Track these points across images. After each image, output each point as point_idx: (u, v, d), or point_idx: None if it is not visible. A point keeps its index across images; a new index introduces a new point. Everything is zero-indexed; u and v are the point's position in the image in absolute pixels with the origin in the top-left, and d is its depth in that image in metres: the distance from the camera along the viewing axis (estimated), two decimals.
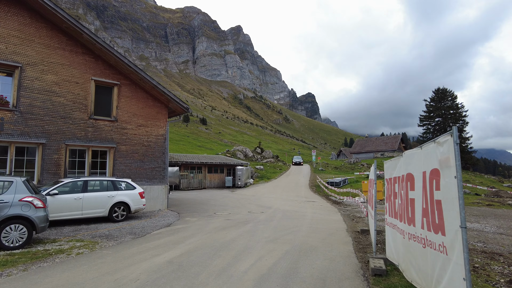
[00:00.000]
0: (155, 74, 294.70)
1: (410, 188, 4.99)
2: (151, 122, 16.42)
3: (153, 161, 16.24)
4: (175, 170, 33.22)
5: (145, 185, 15.77)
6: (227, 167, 38.99)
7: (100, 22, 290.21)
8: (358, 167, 49.65)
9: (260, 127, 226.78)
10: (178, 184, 33.43)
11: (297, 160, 64.33)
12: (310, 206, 19.70)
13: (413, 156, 5.01)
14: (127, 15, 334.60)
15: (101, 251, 7.69)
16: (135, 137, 15.82)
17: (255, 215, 14.83)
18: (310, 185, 35.37)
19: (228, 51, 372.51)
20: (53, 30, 13.93)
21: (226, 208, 17.43)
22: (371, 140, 74.75)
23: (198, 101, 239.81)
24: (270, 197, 25.16)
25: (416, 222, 4.66)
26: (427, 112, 67.68)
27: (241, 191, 31.29)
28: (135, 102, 16.01)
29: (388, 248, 6.91)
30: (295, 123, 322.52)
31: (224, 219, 13.54)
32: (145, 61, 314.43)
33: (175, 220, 13.22)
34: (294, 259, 7.27)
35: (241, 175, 36.50)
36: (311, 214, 15.75)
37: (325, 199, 24.74)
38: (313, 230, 11.29)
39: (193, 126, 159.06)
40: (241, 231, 10.75)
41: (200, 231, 10.71)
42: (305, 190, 31.68)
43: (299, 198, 24.67)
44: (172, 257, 7.22)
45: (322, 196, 27.26)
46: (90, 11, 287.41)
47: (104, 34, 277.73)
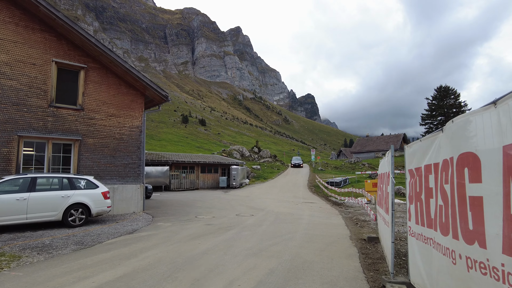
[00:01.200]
0: (154, 75, 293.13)
1: (471, 179, 2.83)
2: (125, 112, 14.29)
3: (127, 157, 14.11)
4: (165, 169, 31.12)
5: (116, 184, 13.64)
6: (221, 167, 36.87)
7: (99, 23, 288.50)
8: (359, 167, 47.53)
9: (260, 128, 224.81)
10: (168, 184, 31.35)
11: (296, 162, 55.74)
12: (308, 207, 17.58)
13: (475, 122, 2.82)
14: (126, 16, 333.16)
15: (8, 272, 5.54)
16: (105, 129, 13.69)
17: (242, 219, 12.71)
18: (309, 185, 33.23)
19: (227, 52, 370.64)
20: (3, 1, 11.83)
21: (212, 211, 15.29)
22: (372, 140, 72.48)
23: (197, 102, 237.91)
24: (265, 198, 23.05)
25: (488, 240, 2.52)
26: (429, 110, 65.64)
27: (235, 191, 29.17)
28: (106, 89, 13.88)
29: (413, 269, 4.77)
30: (294, 124, 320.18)
31: (204, 224, 11.40)
32: (144, 62, 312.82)
33: (145, 225, 11.08)
34: (279, 285, 5.15)
35: (236, 175, 34.38)
36: (308, 217, 13.62)
37: (325, 200, 22.62)
38: (309, 238, 9.16)
39: (192, 127, 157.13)
40: (219, 240, 8.62)
41: (168, 240, 8.58)
42: (303, 190, 29.55)
43: (296, 199, 22.55)
44: (105, 282, 5.10)
45: (322, 197, 25.14)
46: (89, 12, 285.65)
47: (103, 35, 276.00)
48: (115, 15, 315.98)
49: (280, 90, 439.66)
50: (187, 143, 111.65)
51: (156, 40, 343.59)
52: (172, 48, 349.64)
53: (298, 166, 54.55)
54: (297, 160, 57.50)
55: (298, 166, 54.62)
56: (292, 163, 55.76)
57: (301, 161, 57.19)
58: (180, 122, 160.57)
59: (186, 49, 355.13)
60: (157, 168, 30.53)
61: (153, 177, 30.18)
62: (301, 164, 55.72)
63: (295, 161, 56.27)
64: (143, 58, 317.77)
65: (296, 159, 58.14)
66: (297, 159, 58.19)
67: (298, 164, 54.95)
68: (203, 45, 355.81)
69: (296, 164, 55.08)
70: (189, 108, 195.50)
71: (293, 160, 57.23)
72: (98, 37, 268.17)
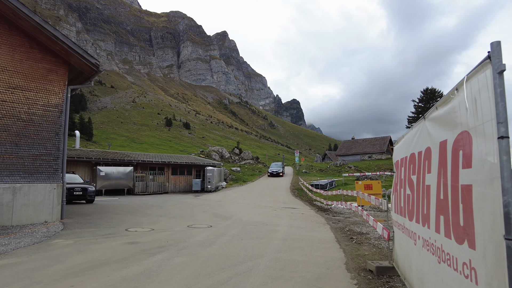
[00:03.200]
0: (139, 78, 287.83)
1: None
2: (38, 84, 10.43)
3: (38, 146, 10.23)
4: (128, 170, 27.14)
5: (19, 182, 9.75)
6: (196, 168, 33.04)
7: (82, 24, 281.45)
8: (345, 169, 44.26)
9: (245, 132, 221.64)
10: (132, 187, 27.38)
11: (274, 170, 41.33)
12: (288, 215, 13.97)
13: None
14: (111, 18, 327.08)
15: None
16: (4, 106, 9.82)
17: (192, 233, 8.99)
18: (292, 188, 29.68)
19: (213, 56, 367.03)
20: None
21: (158, 220, 11.49)
22: (357, 142, 69.42)
23: (182, 106, 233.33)
24: (239, 203, 19.37)
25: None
26: (415, 113, 63.71)
27: (208, 196, 25.38)
28: (7, 51, 10.02)
29: None
30: (280, 128, 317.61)
31: (126, 242, 7.60)
32: (129, 64, 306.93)
33: (32, 242, 7.20)
34: None
35: (211, 177, 30.58)
36: (285, 229, 10.01)
37: (309, 205, 19.10)
38: (281, 268, 5.53)
39: (176, 131, 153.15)
40: (117, 278, 4.90)
41: (28, 276, 4.82)
42: (285, 194, 25.97)
43: (276, 204, 18.94)
44: None
45: (305, 201, 21.61)
46: (72, 12, 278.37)
47: (86, 36, 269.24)
48: (99, 17, 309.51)
49: (266, 95, 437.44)
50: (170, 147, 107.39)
51: (141, 43, 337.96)
52: (157, 51, 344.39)
53: (277, 175, 40.62)
54: (276, 167, 43.04)
55: (277, 175, 40.63)
56: (269, 172, 41.60)
57: (281, 168, 42.36)
58: (163, 125, 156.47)
59: (172, 52, 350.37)
60: (118, 169, 26.54)
61: (114, 179, 26.19)
62: (281, 172, 41.34)
63: (274, 169, 42.05)
64: (127, 61, 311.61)
65: (276, 165, 44.06)
66: (277, 165, 44.08)
67: (277, 173, 40.75)
68: (188, 49, 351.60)
69: (274, 172, 40.90)
70: (173, 111, 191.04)
71: (271, 168, 43.17)
72: (81, 38, 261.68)
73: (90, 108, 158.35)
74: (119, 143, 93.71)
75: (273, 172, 40.97)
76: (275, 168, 42.28)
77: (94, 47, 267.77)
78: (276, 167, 42.82)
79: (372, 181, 17.22)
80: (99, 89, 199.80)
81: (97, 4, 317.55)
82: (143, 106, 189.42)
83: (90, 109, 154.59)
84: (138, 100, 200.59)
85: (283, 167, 43.98)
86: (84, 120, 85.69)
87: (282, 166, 44.41)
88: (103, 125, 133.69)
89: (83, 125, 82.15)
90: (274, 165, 44.58)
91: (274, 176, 40.32)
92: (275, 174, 40.66)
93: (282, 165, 44.60)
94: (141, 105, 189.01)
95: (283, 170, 43.28)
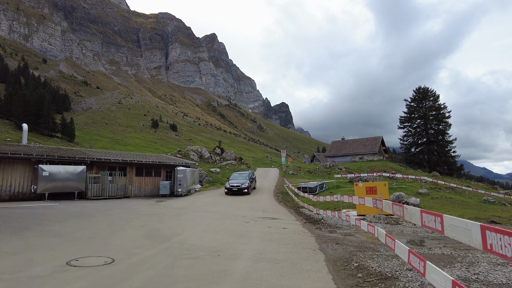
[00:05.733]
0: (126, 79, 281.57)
1: None
2: None
3: None
4: (79, 170, 22.36)
5: None
6: (166, 169, 28.43)
7: (68, 23, 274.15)
8: (335, 171, 40.01)
9: (234, 135, 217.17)
10: (85, 190, 22.64)
11: (235, 184, 24.94)
12: (263, 231, 9.57)
13: None
14: (98, 18, 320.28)
15: None
16: None
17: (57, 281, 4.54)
18: (276, 192, 25.29)
19: (202, 58, 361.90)
20: None
21: (32, 247, 6.96)
22: (347, 143, 65.19)
23: (169, 107, 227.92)
24: (205, 211, 14.89)
25: None
26: (407, 113, 60.21)
27: (173, 202, 20.70)
28: None
29: None
30: (269, 131, 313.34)
31: None
32: (116, 65, 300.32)
33: None
34: None
35: (182, 178, 25.96)
36: (246, 266, 5.61)
37: (294, 214, 14.75)
38: None
39: (162, 132, 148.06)
40: None
41: None
42: (266, 199, 21.59)
43: (252, 213, 14.54)
44: None
45: (291, 207, 17.27)
46: (57, 11, 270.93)
47: (72, 36, 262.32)
48: (86, 16, 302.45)
49: (255, 98, 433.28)
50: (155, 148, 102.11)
51: (129, 44, 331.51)
52: (145, 52, 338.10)
53: (239, 192, 24.51)
54: (241, 178, 26.12)
55: (239, 191, 24.48)
56: (227, 187, 25.01)
57: (246, 181, 25.47)
58: (149, 127, 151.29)
59: (160, 54, 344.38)
60: (67, 168, 21.77)
61: (60, 180, 21.40)
62: (246, 188, 24.67)
63: (235, 182, 25.30)
64: (114, 61, 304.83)
65: (240, 176, 26.80)
66: (241, 176, 26.86)
67: (239, 189, 24.54)
68: (177, 50, 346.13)
69: (235, 188, 24.62)
70: (160, 113, 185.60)
71: (231, 180, 25.82)
72: (66, 37, 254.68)
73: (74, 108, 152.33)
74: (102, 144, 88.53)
75: (233, 188, 24.33)
76: (237, 181, 25.20)
77: (80, 47, 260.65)
78: (241, 179, 25.71)
79: (376, 183, 13.01)
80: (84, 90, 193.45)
81: (83, 3, 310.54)
82: (129, 107, 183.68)
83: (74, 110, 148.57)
84: (124, 101, 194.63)
85: (251, 179, 26.82)
86: (66, 120, 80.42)
87: (250, 177, 26.74)
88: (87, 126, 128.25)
89: (64, 126, 77.40)
90: (237, 176, 26.66)
91: (236, 195, 24.16)
92: (237, 191, 24.21)
93: (250, 176, 26.82)
94: (127, 106, 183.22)
95: (253, 183, 27.28)
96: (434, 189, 25.64)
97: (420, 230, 10.02)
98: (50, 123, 73.00)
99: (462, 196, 22.82)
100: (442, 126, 56.42)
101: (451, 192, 24.64)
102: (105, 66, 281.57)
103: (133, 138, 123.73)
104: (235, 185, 24.67)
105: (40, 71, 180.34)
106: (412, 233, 9.74)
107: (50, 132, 73.01)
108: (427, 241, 8.56)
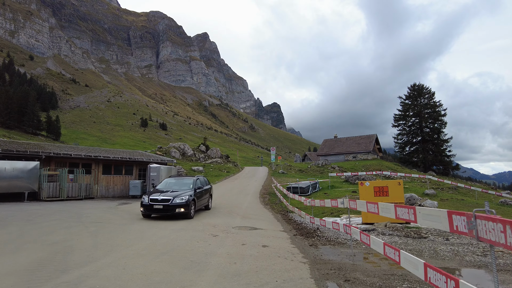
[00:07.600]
0: (116, 77, 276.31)
1: None
2: None
3: None
4: (31, 166, 19.10)
5: None
6: (139, 166, 25.27)
7: (56, 20, 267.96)
8: (328, 170, 37.24)
9: (225, 135, 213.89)
10: (38, 190, 19.40)
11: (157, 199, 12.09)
12: (230, 253, 6.60)
13: None
14: (87, 15, 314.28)
15: None
16: None
17: None
18: (263, 192, 22.31)
19: (193, 57, 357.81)
20: None
21: None
22: (341, 141, 62.63)
23: (159, 106, 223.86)
24: (170, 219, 11.80)
25: None
26: (402, 110, 58.18)
27: (137, 205, 16.97)
28: None
29: None
30: (260, 131, 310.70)
31: None
32: (105, 63, 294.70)
33: None
34: None
35: (156, 177, 22.78)
36: None
37: (282, 221, 11.82)
38: None
39: (152, 131, 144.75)
40: None
41: None
42: (250, 201, 18.57)
43: (228, 220, 11.55)
44: None
45: (278, 212, 14.31)
46: (45, 7, 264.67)
47: (60, 33, 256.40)
48: (75, 13, 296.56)
49: (246, 98, 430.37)
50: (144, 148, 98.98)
51: (119, 42, 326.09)
52: (136, 50, 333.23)
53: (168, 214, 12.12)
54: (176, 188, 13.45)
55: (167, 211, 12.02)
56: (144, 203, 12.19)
57: (185, 195, 12.39)
58: (138, 126, 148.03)
59: (151, 52, 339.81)
60: (15, 164, 18.48)
61: (6, 178, 18.08)
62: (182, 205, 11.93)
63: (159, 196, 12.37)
64: (104, 60, 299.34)
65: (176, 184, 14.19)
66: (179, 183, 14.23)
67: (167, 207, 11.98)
68: (168, 49, 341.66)
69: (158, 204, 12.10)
70: (150, 112, 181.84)
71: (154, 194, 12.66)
72: (54, 34, 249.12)
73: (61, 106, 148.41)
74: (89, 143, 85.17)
75: (155, 205, 12.09)
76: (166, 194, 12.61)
77: (69, 45, 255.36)
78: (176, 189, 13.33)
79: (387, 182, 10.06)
80: (73, 88, 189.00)
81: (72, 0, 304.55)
82: (119, 106, 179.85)
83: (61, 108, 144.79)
84: (114, 99, 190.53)
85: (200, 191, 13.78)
86: (52, 118, 77.16)
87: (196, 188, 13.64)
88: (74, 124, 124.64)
89: (50, 124, 74.54)
90: (171, 184, 14.27)
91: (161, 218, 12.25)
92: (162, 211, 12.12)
93: (195, 186, 13.65)
94: (116, 105, 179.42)
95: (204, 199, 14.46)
96: (437, 189, 23.17)
97: (462, 249, 7.02)
98: (35, 120, 69.83)
99: (471, 197, 20.19)
100: (437, 124, 54.56)
101: (455, 193, 22.20)
102: (95, 64, 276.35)
103: (121, 137, 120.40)
104: (159, 199, 12.26)
105: (26, 68, 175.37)
106: (453, 255, 6.69)
107: (34, 130, 69.57)
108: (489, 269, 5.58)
